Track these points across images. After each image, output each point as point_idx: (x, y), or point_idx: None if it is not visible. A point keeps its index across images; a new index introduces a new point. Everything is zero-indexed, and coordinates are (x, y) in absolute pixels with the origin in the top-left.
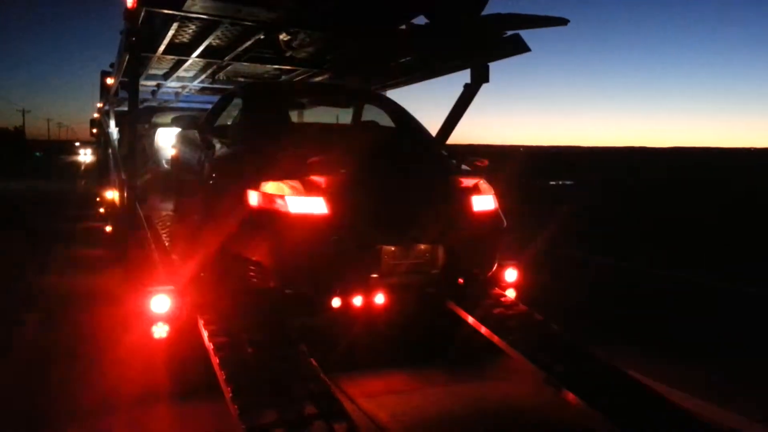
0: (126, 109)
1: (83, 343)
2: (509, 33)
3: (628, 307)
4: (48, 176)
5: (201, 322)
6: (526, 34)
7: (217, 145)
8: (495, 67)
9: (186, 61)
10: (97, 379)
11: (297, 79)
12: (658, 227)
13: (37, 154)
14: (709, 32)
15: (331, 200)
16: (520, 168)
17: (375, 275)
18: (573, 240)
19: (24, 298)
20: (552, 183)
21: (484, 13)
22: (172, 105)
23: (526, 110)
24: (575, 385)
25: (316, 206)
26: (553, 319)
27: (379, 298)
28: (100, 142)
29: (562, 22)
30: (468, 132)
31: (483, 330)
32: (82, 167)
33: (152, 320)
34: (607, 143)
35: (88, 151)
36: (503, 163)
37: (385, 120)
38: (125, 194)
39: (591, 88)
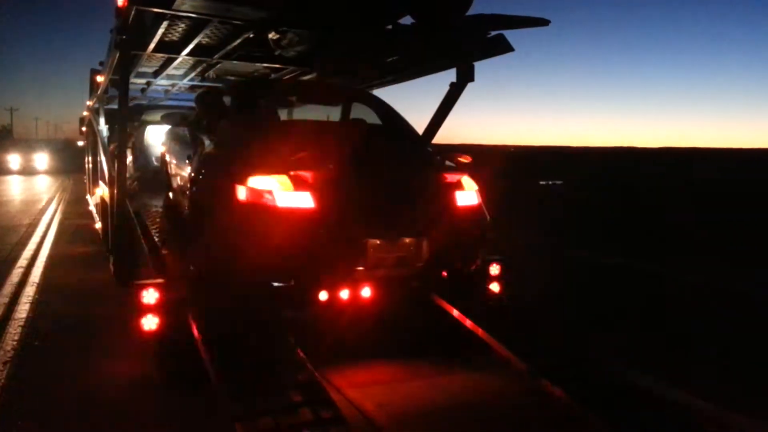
0: (116, 106)
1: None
2: (493, 33)
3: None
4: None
5: (190, 314)
6: (511, 34)
7: (206, 142)
8: (485, 67)
9: (176, 59)
10: (85, 370)
11: (286, 77)
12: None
13: None
14: (699, 30)
15: (318, 195)
16: (510, 167)
17: (361, 268)
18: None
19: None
20: (542, 183)
21: (468, 13)
22: (161, 103)
23: (519, 110)
24: (557, 376)
25: (302, 201)
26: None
27: (365, 292)
28: (89, 140)
29: (543, 22)
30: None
31: (467, 323)
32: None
33: (142, 312)
34: (596, 143)
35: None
36: (493, 163)
37: (372, 118)
38: (115, 191)
39: (582, 88)
